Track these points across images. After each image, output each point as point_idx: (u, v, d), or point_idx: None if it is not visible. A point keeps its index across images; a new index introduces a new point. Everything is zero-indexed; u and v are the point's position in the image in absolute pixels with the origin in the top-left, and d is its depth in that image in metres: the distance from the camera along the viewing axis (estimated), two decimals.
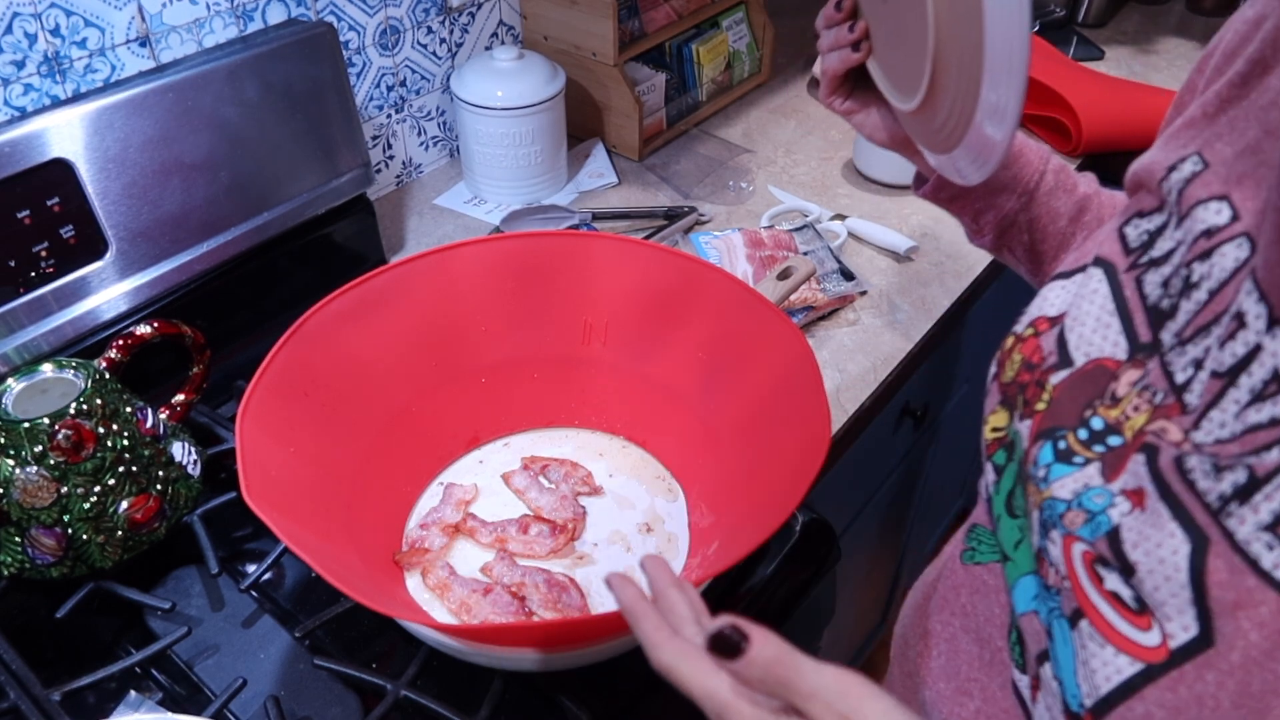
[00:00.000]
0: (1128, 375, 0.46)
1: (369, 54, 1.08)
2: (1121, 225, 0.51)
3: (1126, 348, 0.47)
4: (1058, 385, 0.49)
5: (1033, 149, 0.68)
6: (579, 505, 0.76)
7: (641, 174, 1.22)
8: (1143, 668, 0.40)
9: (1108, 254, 0.50)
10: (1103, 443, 0.45)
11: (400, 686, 0.64)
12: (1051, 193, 0.68)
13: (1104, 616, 0.42)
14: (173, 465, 0.73)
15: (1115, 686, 0.42)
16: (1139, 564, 0.40)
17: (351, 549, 0.68)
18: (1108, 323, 0.48)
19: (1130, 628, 0.41)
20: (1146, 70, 1.45)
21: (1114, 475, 0.43)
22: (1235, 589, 0.37)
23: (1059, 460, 0.46)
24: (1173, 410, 0.43)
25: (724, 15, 1.32)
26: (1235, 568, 0.37)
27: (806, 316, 0.96)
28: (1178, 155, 0.48)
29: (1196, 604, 0.39)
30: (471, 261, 0.79)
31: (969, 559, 0.58)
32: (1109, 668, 0.42)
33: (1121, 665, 0.41)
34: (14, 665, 0.65)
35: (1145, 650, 0.40)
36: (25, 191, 0.75)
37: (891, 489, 1.27)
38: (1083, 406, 0.47)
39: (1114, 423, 0.45)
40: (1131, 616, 0.41)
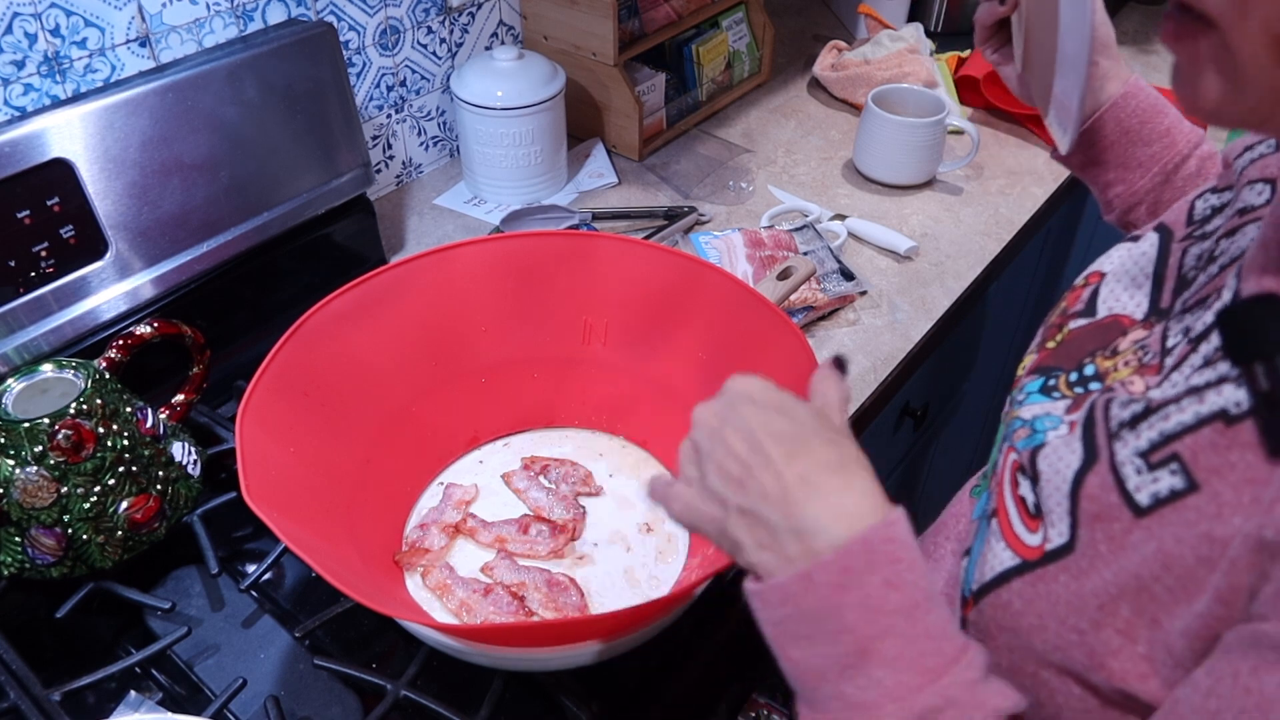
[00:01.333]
0: (1135, 334, 0.49)
1: (369, 54, 1.08)
2: (1196, 197, 0.53)
3: (1146, 309, 0.50)
4: (1073, 330, 0.52)
5: (1184, 131, 0.68)
6: (579, 505, 0.76)
7: (641, 174, 1.22)
8: (1018, 562, 0.45)
9: (1171, 222, 0.53)
10: (1084, 386, 0.48)
11: (400, 686, 0.64)
12: (1190, 179, 0.67)
13: (1009, 516, 0.47)
14: (173, 465, 0.73)
15: (994, 575, 0.46)
16: (1043, 473, 0.45)
17: (351, 549, 0.68)
18: (1140, 283, 0.51)
19: (1024, 529, 0.45)
20: (1146, 70, 1.45)
21: (1074, 410, 0.47)
22: (1100, 503, 0.41)
23: (1041, 392, 0.50)
24: (1151, 370, 0.46)
25: (724, 15, 1.32)
26: (1106, 485, 0.41)
27: (806, 316, 0.96)
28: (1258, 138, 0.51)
29: (1071, 514, 0.42)
30: (471, 261, 0.79)
31: (976, 493, 0.61)
32: (996, 559, 0.46)
33: (1005, 559, 0.45)
34: (14, 665, 0.65)
35: (1027, 549, 0.45)
36: (25, 191, 0.75)
37: (891, 489, 1.27)
38: (1085, 354, 0.50)
39: (1103, 372, 0.48)
40: (1028, 519, 0.45)
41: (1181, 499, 0.38)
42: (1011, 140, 1.29)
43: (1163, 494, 0.39)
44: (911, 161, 1.17)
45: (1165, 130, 0.67)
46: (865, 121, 1.18)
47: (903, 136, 1.15)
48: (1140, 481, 0.40)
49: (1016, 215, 1.15)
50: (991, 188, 1.20)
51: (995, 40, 0.72)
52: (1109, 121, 0.69)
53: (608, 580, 0.72)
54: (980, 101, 1.34)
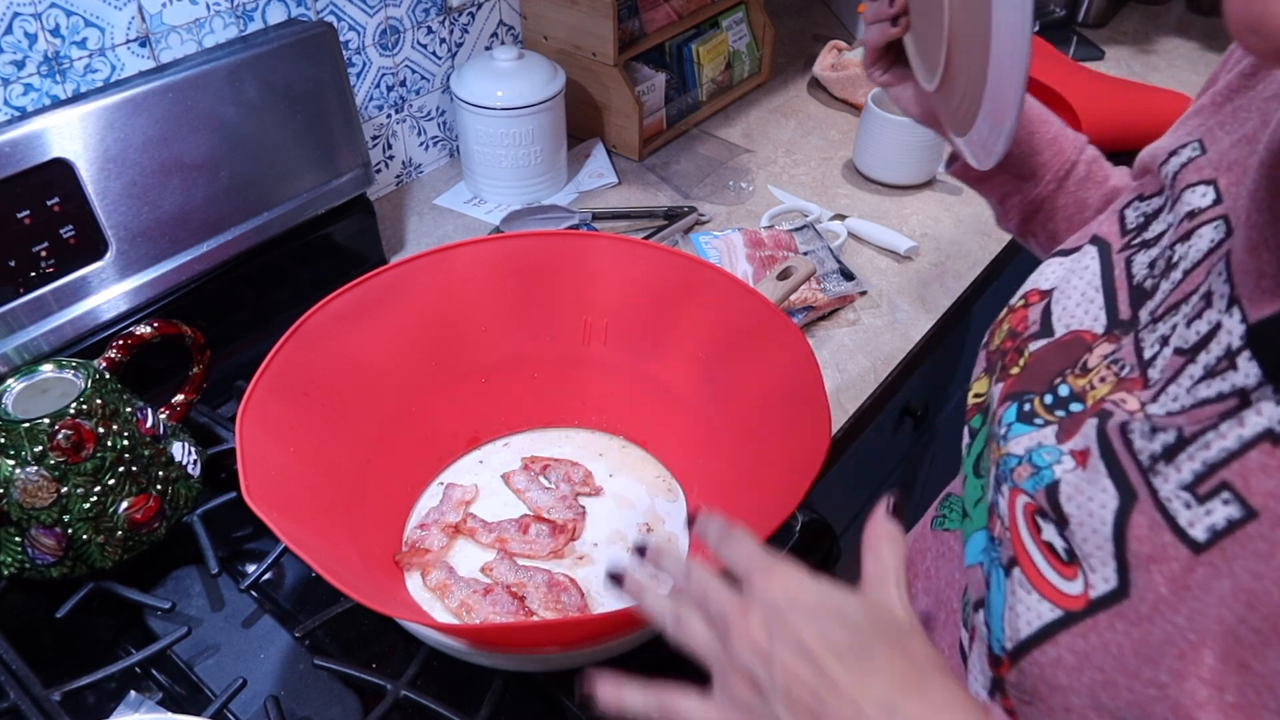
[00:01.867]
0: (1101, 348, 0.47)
1: (369, 54, 1.08)
2: (1123, 207, 0.53)
3: (1105, 322, 0.49)
4: (1035, 352, 0.50)
5: (1069, 137, 0.68)
6: (579, 505, 0.76)
7: (641, 174, 1.22)
8: (1061, 614, 0.41)
9: (1105, 233, 0.52)
10: (1064, 408, 0.46)
11: (400, 686, 0.64)
12: (1082, 183, 0.68)
13: (1035, 565, 0.43)
14: (173, 465, 0.73)
15: (1034, 631, 0.42)
16: (1072, 516, 0.42)
17: (352, 549, 0.68)
18: (1091, 298, 0.50)
19: (1057, 577, 0.42)
20: (1146, 70, 1.45)
21: (1067, 437, 0.45)
22: (1152, 544, 0.38)
23: (1020, 420, 0.47)
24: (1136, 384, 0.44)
25: (724, 15, 1.32)
26: (1155, 524, 0.39)
27: (806, 316, 0.96)
28: (1181, 141, 0.50)
29: (1118, 557, 0.40)
30: (471, 261, 0.79)
31: (938, 525, 0.60)
32: (1031, 613, 0.43)
33: (1043, 611, 0.42)
34: (14, 665, 0.65)
35: (1067, 598, 0.41)
36: (25, 191, 0.75)
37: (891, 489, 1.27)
38: (1054, 375, 0.48)
39: (1079, 391, 0.47)
40: (1060, 566, 0.42)
41: (1241, 528, 0.36)
42: None
43: (1219, 526, 0.37)
44: (911, 161, 1.17)
45: (1053, 138, 0.68)
46: (865, 121, 1.18)
47: (903, 136, 1.15)
48: (1192, 516, 0.37)
49: None
50: None
51: (884, 62, 0.70)
52: None
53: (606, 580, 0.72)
54: None
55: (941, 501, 0.61)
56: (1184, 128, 0.51)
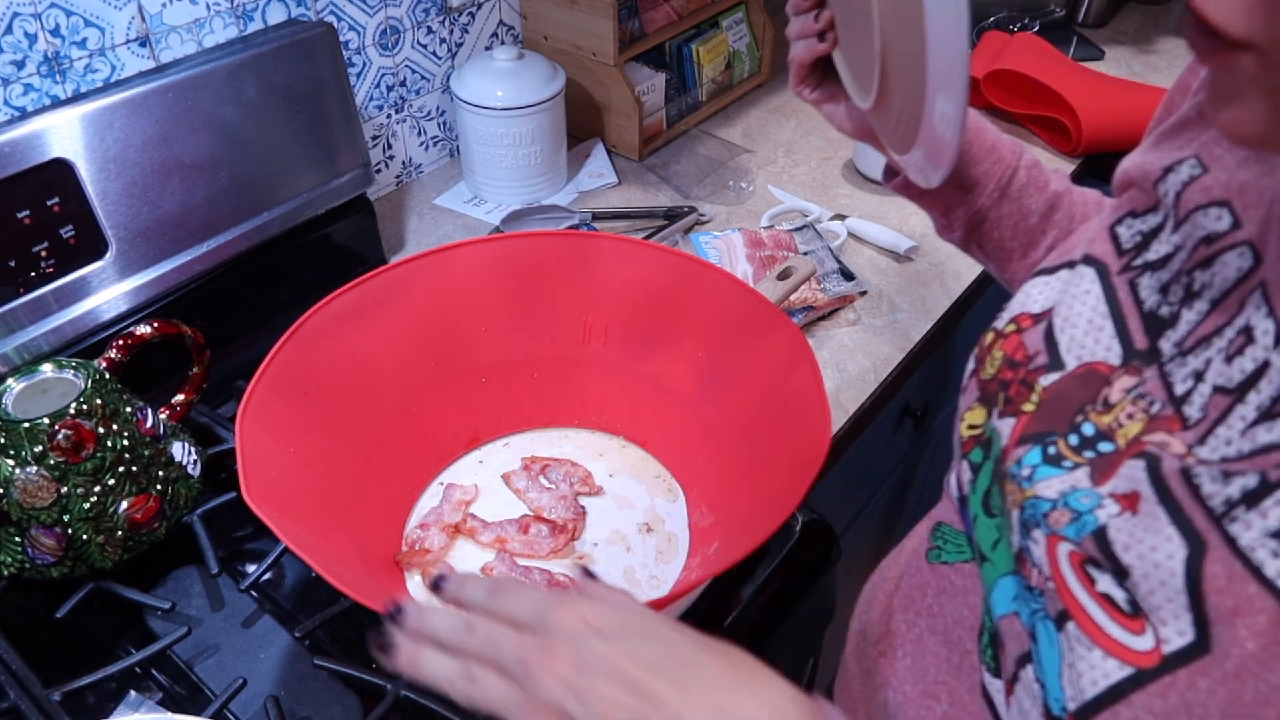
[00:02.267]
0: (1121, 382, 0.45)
1: (369, 54, 1.08)
2: (1113, 224, 0.50)
3: (1120, 353, 0.46)
4: (1048, 388, 0.48)
5: (1006, 145, 0.67)
6: (579, 505, 0.76)
7: (641, 174, 1.22)
8: (1132, 672, 0.39)
9: (1099, 254, 0.50)
10: (1093, 449, 0.44)
11: (400, 686, 0.64)
12: (1023, 189, 0.67)
13: (1093, 619, 0.41)
14: (173, 465, 0.73)
15: (1102, 690, 0.40)
16: (1133, 567, 0.39)
17: (351, 549, 0.68)
18: (1100, 325, 0.48)
19: (1121, 631, 0.40)
20: (1146, 70, 1.45)
21: (1103, 479, 0.42)
22: (1234, 596, 0.36)
23: (1047, 463, 0.45)
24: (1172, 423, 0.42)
25: (724, 15, 1.32)
26: (1235, 574, 0.36)
27: (806, 316, 0.96)
28: (1174, 157, 0.48)
29: (1193, 609, 0.37)
30: (471, 261, 0.79)
31: (934, 558, 0.57)
32: (1096, 671, 0.40)
33: (1110, 669, 0.40)
34: (14, 665, 0.65)
35: (1136, 655, 0.39)
36: (25, 191, 0.75)
37: (891, 489, 1.27)
38: (1074, 412, 0.46)
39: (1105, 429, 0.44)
40: (1123, 620, 0.40)
41: None
42: None
43: None
44: None
45: (990, 146, 0.66)
46: None
47: None
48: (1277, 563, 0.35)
49: None
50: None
51: (813, 80, 0.68)
52: None
53: (607, 580, 0.71)
54: (980, 101, 1.34)
55: (932, 532, 0.58)
56: (1171, 141, 0.49)
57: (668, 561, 0.73)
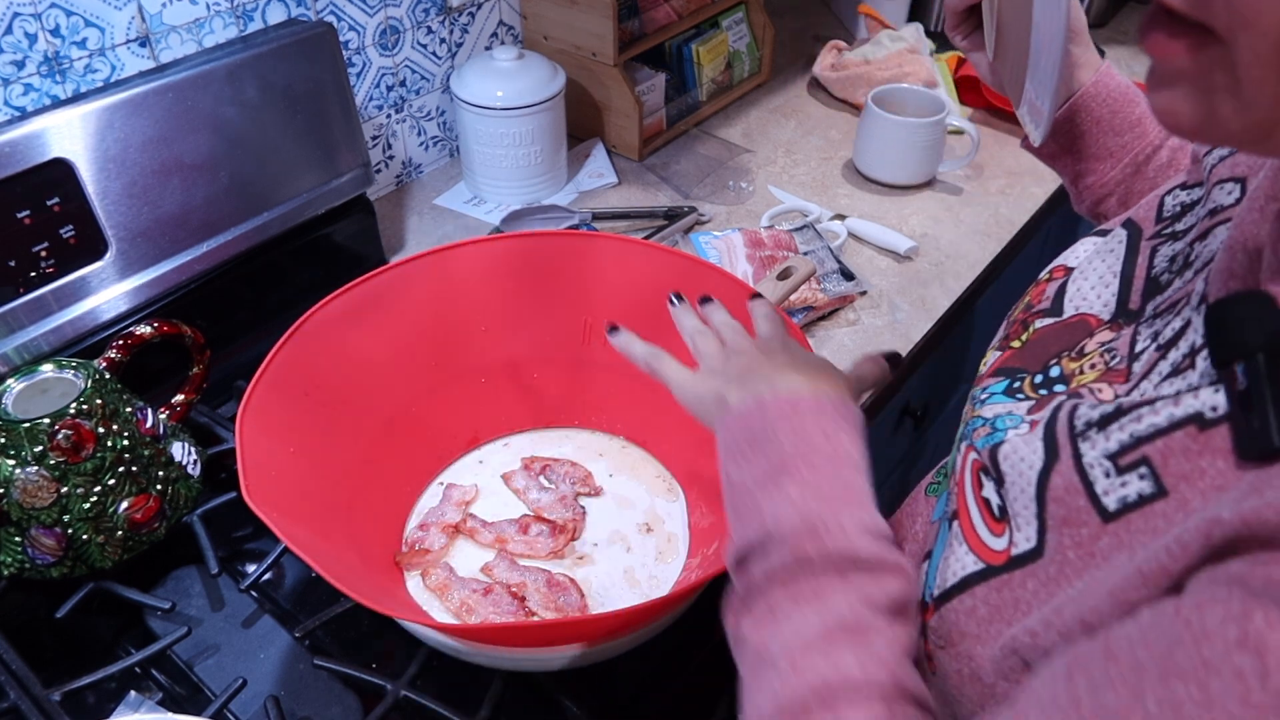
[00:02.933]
0: (1101, 335, 0.48)
1: (369, 54, 1.08)
2: (1165, 193, 0.51)
3: (1113, 309, 0.48)
4: (1039, 330, 0.51)
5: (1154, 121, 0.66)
6: (579, 505, 0.76)
7: (641, 174, 1.22)
8: (983, 567, 0.43)
9: (1139, 218, 0.51)
10: (1049, 388, 0.47)
11: (400, 686, 0.64)
12: (1162, 169, 0.66)
13: (971, 519, 0.45)
14: (173, 465, 0.73)
15: (957, 580, 0.44)
16: (1006, 474, 0.43)
17: (351, 549, 0.68)
18: (1108, 283, 0.50)
19: (988, 532, 0.44)
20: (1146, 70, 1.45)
21: (1036, 410, 0.45)
22: (1067, 506, 0.39)
23: (1005, 393, 0.48)
24: (1119, 376, 0.44)
25: (724, 15, 1.32)
26: (1072, 487, 0.39)
27: (806, 316, 0.96)
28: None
29: (1039, 517, 0.41)
30: (471, 261, 0.79)
31: (932, 491, 0.60)
32: (959, 564, 0.45)
33: (968, 563, 0.44)
34: (14, 665, 0.65)
35: (991, 553, 0.43)
36: (25, 191, 0.75)
37: (891, 489, 1.27)
38: (1051, 355, 0.48)
39: (1068, 374, 0.47)
40: (992, 523, 0.44)
41: (1149, 504, 0.36)
42: (1011, 140, 1.29)
43: (1130, 499, 0.37)
44: (911, 161, 1.17)
45: (1137, 120, 0.66)
46: (865, 121, 1.18)
47: (903, 136, 1.15)
48: (1108, 485, 0.38)
49: (1016, 215, 1.15)
50: (991, 188, 1.20)
51: (965, 27, 0.70)
52: (1080, 110, 0.67)
53: (608, 580, 0.72)
54: (980, 101, 1.34)
55: (938, 469, 0.61)
56: None
57: (667, 561, 0.73)
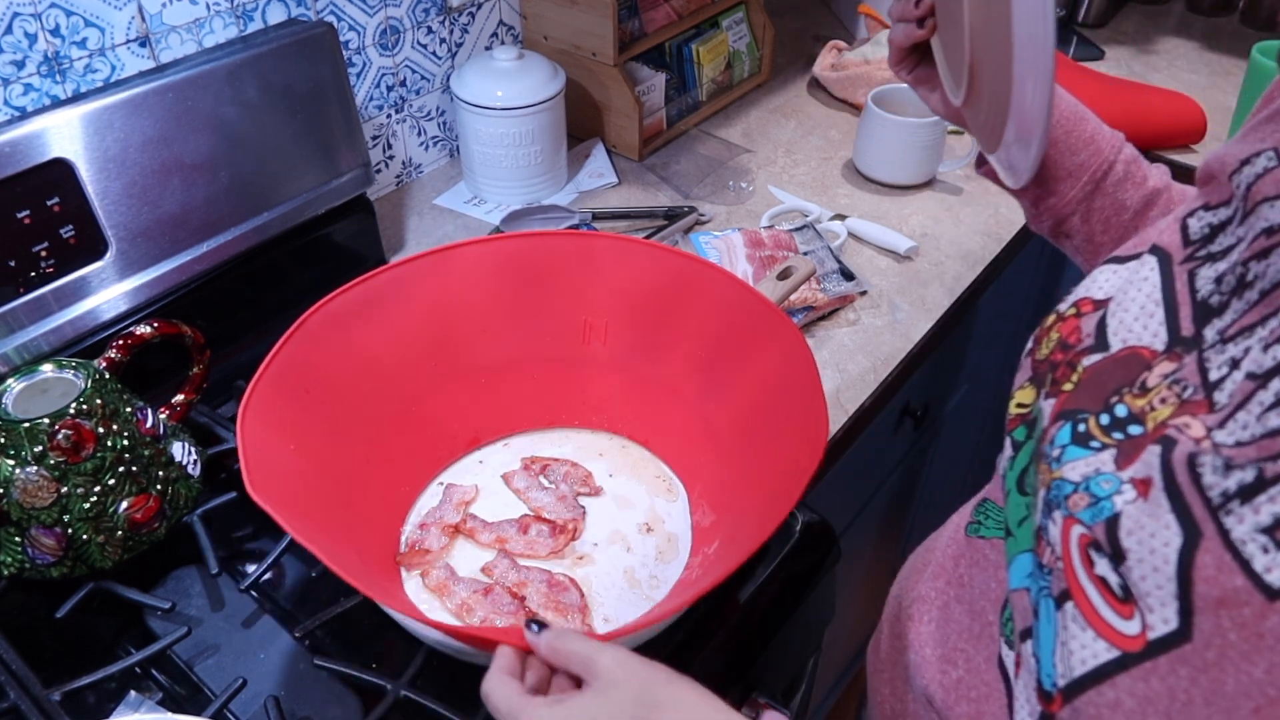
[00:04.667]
0: (1161, 367, 0.45)
1: (369, 54, 1.08)
2: (1186, 216, 0.50)
3: (1165, 339, 0.46)
4: (1089, 368, 0.48)
5: (1106, 137, 0.66)
6: (579, 505, 0.76)
7: (641, 174, 1.22)
8: (1119, 655, 0.40)
9: (1166, 243, 0.50)
10: (1123, 430, 0.44)
11: (400, 686, 0.64)
12: (1119, 184, 0.66)
13: (1090, 600, 0.42)
14: (173, 465, 0.73)
15: (1089, 670, 0.41)
16: (1130, 551, 0.40)
17: (350, 548, 0.68)
18: (1151, 312, 0.48)
19: (1113, 614, 0.41)
20: (1146, 70, 1.45)
21: (1126, 463, 0.42)
22: (1221, 586, 0.37)
23: (1075, 443, 0.45)
24: (1200, 407, 0.42)
25: (724, 15, 1.32)
26: (1225, 565, 0.37)
27: (806, 316, 0.96)
28: (1254, 149, 0.47)
29: (1180, 598, 0.38)
30: (471, 261, 0.79)
31: (973, 531, 0.58)
32: (1086, 651, 0.42)
33: (1099, 650, 0.41)
34: (14, 665, 0.65)
35: (1124, 638, 0.40)
36: (25, 191, 0.75)
37: (891, 489, 1.27)
38: (1110, 392, 0.46)
39: (1138, 412, 0.44)
40: (1116, 604, 0.41)
41: None
42: None
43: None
44: (911, 161, 1.17)
45: (1090, 138, 0.65)
46: (865, 121, 1.18)
47: (903, 136, 1.15)
48: (1269, 561, 0.35)
49: (1016, 215, 1.15)
50: (991, 188, 1.20)
51: (909, 62, 0.69)
52: None
53: (608, 580, 0.72)
54: None
55: (977, 506, 0.59)
56: (1255, 134, 0.48)
57: (668, 561, 0.73)
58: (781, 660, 0.79)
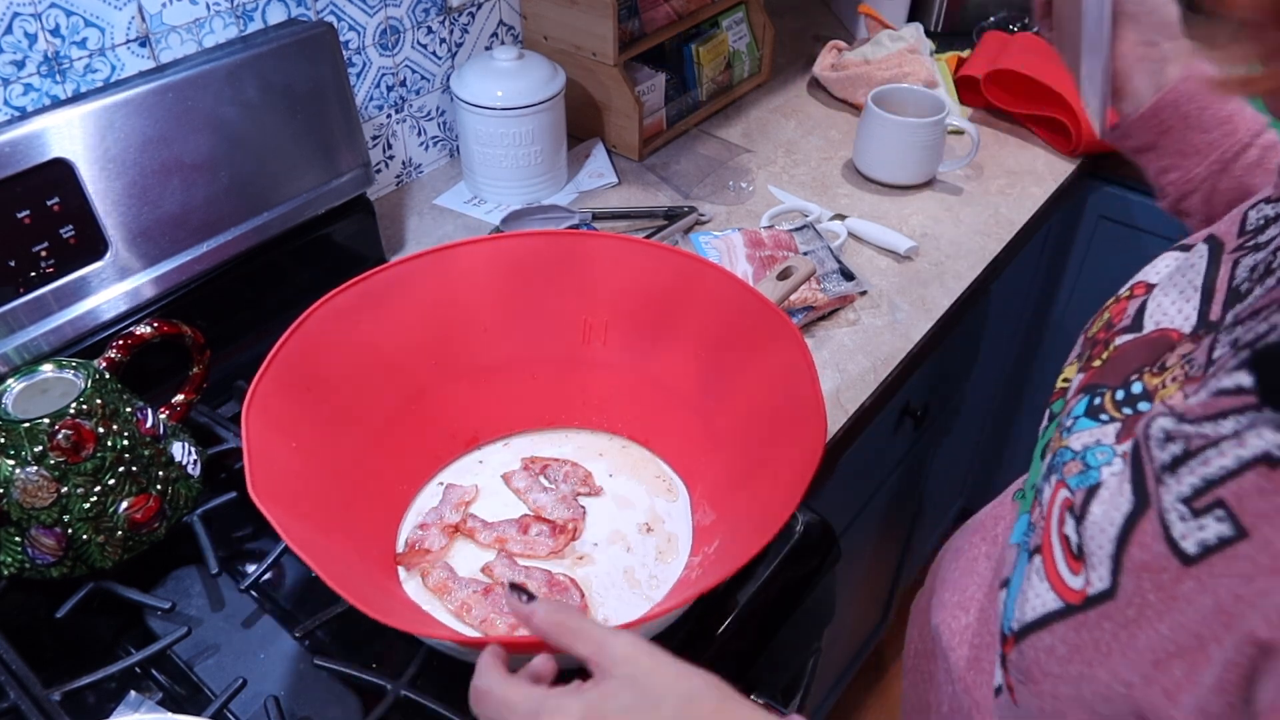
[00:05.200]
0: (1182, 348, 0.47)
1: (369, 54, 1.08)
2: (1249, 207, 0.51)
3: (1194, 322, 0.48)
4: (1119, 346, 0.51)
5: (1246, 119, 0.65)
6: (579, 505, 0.76)
7: (641, 174, 1.22)
8: (1062, 605, 0.44)
9: (1222, 233, 0.51)
10: (1133, 406, 0.46)
11: (400, 686, 0.64)
12: (1251, 168, 0.64)
13: (1054, 555, 0.46)
14: (173, 465, 0.73)
15: (1037, 616, 0.45)
16: (1090, 514, 0.44)
17: (350, 548, 0.68)
18: (1189, 297, 0.50)
19: (1067, 570, 0.45)
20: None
21: (1125, 438, 0.45)
22: (1150, 551, 0.40)
23: (1088, 415, 0.48)
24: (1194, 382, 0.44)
25: (724, 15, 1.32)
26: (1155, 533, 0.40)
27: (806, 316, 0.96)
28: None
29: (1114, 559, 0.41)
30: (471, 261, 0.79)
31: (1018, 496, 0.61)
32: (1039, 600, 0.46)
33: (1049, 600, 0.45)
34: (14, 665, 0.65)
35: (1070, 592, 0.44)
36: (25, 191, 0.75)
37: (891, 489, 1.27)
38: (1131, 370, 0.48)
39: (1151, 389, 0.46)
40: (1071, 560, 0.45)
41: (1231, 546, 0.36)
42: (1011, 140, 1.29)
43: (1210, 542, 0.37)
44: (911, 161, 1.17)
45: (1226, 117, 0.64)
46: (865, 121, 1.18)
47: (903, 136, 1.15)
48: (1186, 529, 0.38)
49: (1016, 215, 1.15)
50: (991, 188, 1.20)
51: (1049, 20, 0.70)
52: (1167, 106, 0.65)
53: (608, 580, 0.72)
54: (980, 101, 1.34)
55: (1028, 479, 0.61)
56: None
57: (667, 561, 0.73)
58: (781, 660, 0.79)
